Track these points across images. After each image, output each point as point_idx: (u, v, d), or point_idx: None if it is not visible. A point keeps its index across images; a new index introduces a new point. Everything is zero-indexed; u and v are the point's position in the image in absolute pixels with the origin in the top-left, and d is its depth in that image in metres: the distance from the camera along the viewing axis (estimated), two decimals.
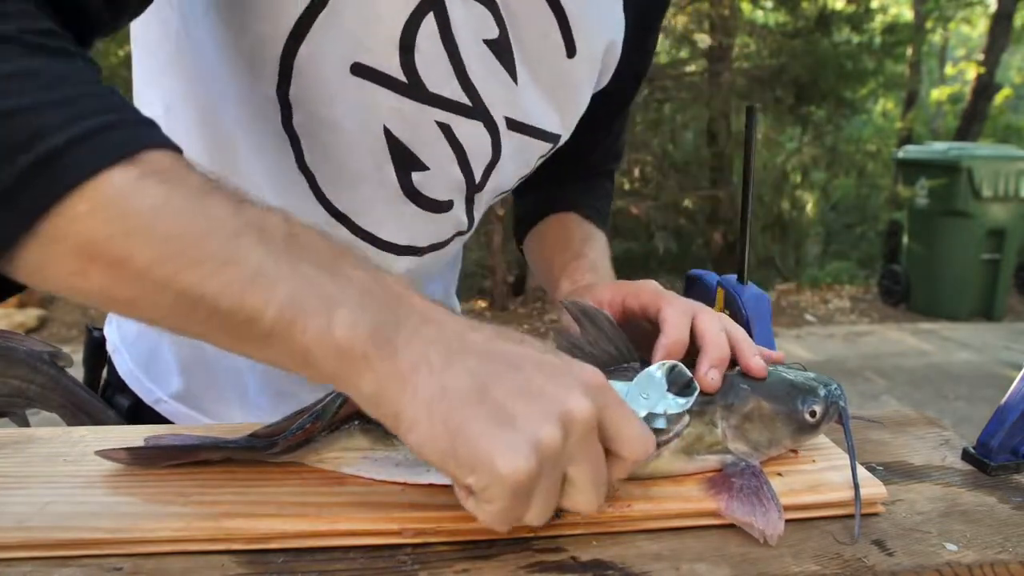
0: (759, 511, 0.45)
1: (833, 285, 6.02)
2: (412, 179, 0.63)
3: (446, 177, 0.64)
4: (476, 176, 0.66)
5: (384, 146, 0.60)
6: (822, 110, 5.78)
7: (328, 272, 0.37)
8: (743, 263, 0.66)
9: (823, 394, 0.51)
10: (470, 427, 0.36)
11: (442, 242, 0.69)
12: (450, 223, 0.68)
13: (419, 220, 0.65)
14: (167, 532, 0.43)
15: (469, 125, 0.62)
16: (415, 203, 0.64)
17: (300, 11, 0.52)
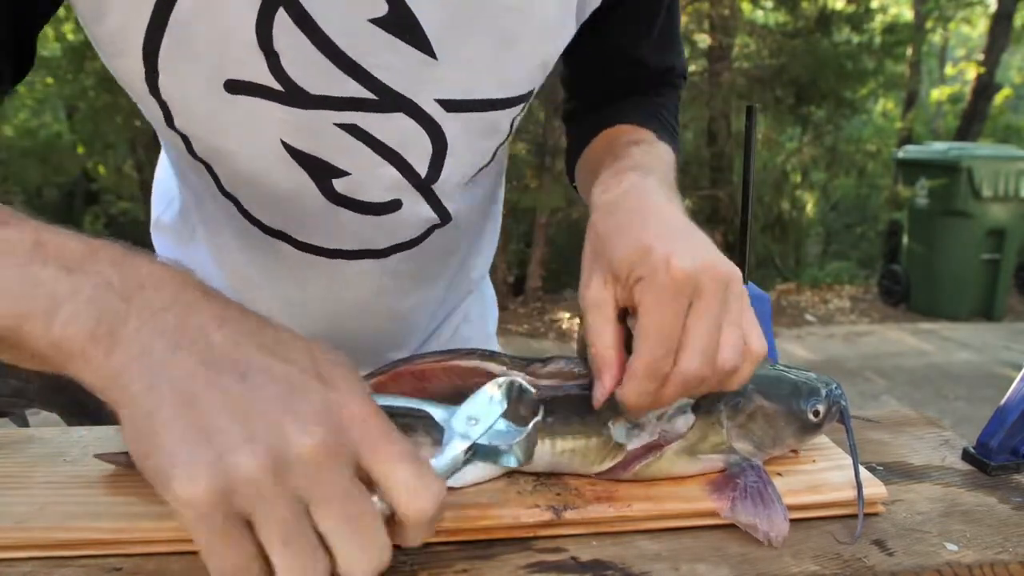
0: (763, 513, 0.45)
1: (833, 285, 6.02)
2: (335, 186, 0.58)
3: (375, 178, 0.58)
4: (420, 170, 0.59)
5: (288, 160, 0.55)
6: (822, 110, 5.77)
7: (67, 272, 0.34)
8: (743, 263, 0.66)
9: (825, 393, 0.51)
10: (163, 435, 0.31)
11: (412, 240, 0.64)
12: (410, 220, 0.62)
13: (361, 224, 0.61)
14: (167, 532, 0.43)
15: (383, 120, 0.55)
16: (349, 208, 0.59)
17: (142, 39, 0.49)
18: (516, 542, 0.45)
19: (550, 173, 5.01)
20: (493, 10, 0.54)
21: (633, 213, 0.47)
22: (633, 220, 0.46)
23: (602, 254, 0.46)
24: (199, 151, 0.56)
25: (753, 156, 0.65)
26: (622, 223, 0.46)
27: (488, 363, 0.50)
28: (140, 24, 0.48)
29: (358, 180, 0.58)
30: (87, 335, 0.33)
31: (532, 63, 0.59)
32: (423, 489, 0.33)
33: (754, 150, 0.65)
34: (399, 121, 0.56)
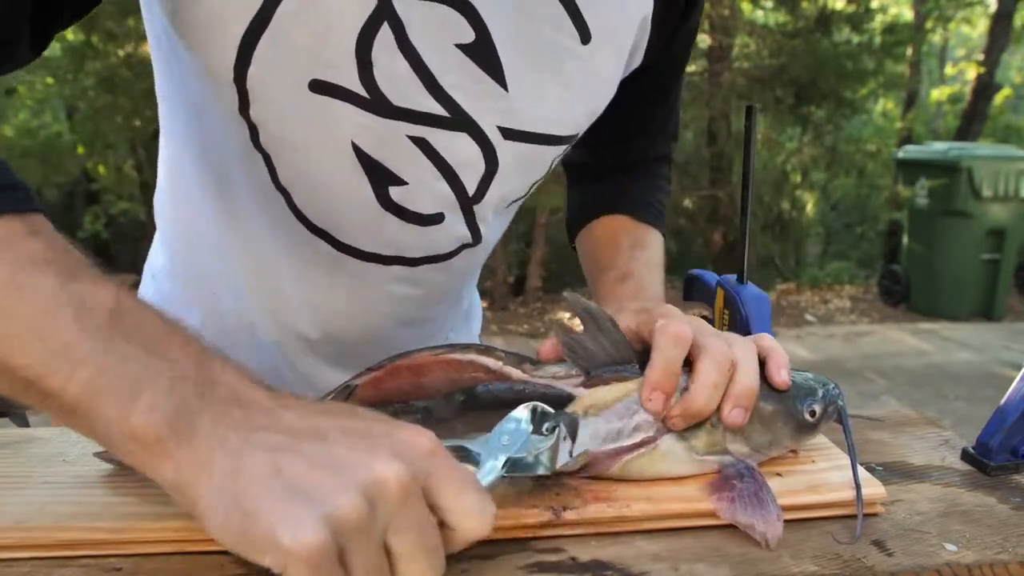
0: (759, 514, 0.45)
1: (833, 285, 6.03)
2: (391, 194, 0.60)
3: (430, 191, 0.61)
4: (469, 189, 0.63)
5: (355, 162, 0.58)
6: (822, 110, 5.78)
7: (146, 352, 0.36)
8: (743, 263, 0.66)
9: (822, 394, 0.51)
10: (260, 505, 0.33)
11: (443, 254, 0.67)
12: (447, 235, 0.65)
13: (405, 233, 0.63)
14: (167, 532, 0.43)
15: (450, 137, 0.59)
16: (398, 216, 0.62)
17: (243, 30, 0.51)
18: (516, 542, 0.45)
19: (550, 173, 5.00)
20: (561, 56, 0.60)
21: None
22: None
23: None
24: (264, 141, 0.57)
25: (753, 156, 0.65)
26: None
27: (483, 357, 0.50)
28: (244, 16, 0.50)
29: (414, 191, 0.61)
30: (165, 425, 0.35)
31: (583, 109, 0.65)
32: (484, 513, 0.38)
33: (754, 150, 0.65)
34: (462, 141, 0.59)
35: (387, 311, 0.69)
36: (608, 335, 0.51)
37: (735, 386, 0.48)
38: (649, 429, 0.48)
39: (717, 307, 0.67)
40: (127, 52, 4.96)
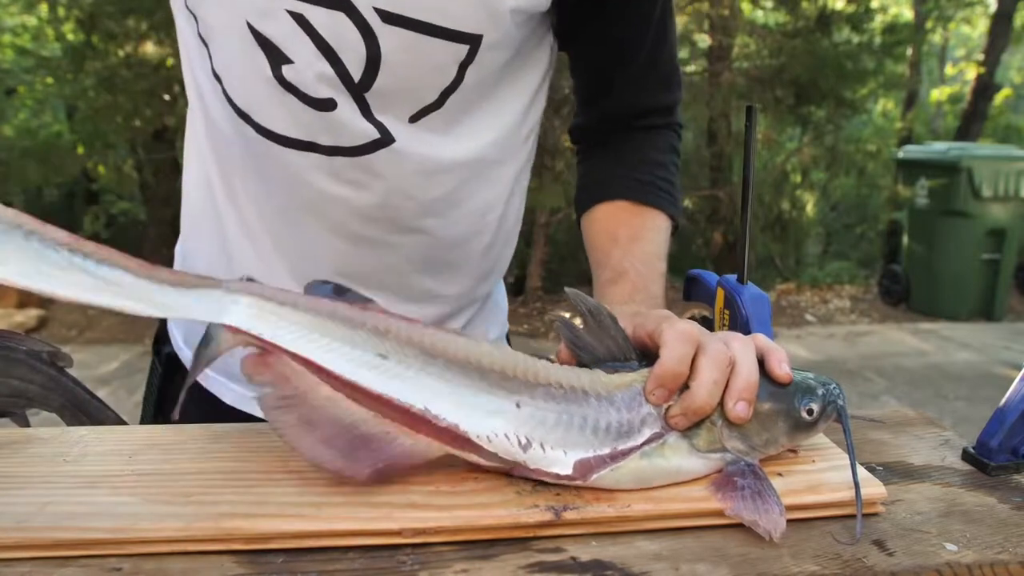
0: (763, 509, 0.45)
1: (833, 285, 6.02)
2: (284, 72, 0.64)
3: (314, 71, 0.64)
4: (353, 73, 0.64)
5: (252, 41, 0.63)
6: (822, 110, 5.77)
7: None
8: (743, 263, 0.66)
9: (821, 393, 0.51)
10: None
11: (352, 147, 0.67)
12: (347, 125, 0.65)
13: (307, 116, 0.66)
14: (167, 532, 0.43)
15: (326, 15, 0.61)
16: (295, 96, 0.65)
17: None
18: (516, 542, 0.45)
19: (550, 173, 5.01)
20: None
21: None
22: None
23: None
24: (201, 31, 0.67)
25: (753, 156, 0.65)
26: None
27: None
28: None
29: (300, 69, 0.64)
30: None
31: (497, 6, 0.63)
32: None
33: (754, 150, 0.65)
34: (339, 20, 0.62)
35: (322, 209, 0.69)
36: (608, 332, 0.51)
37: (736, 380, 0.49)
38: (655, 424, 0.49)
39: (717, 307, 0.67)
40: (127, 52, 4.96)
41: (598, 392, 0.49)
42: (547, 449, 0.48)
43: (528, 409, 0.48)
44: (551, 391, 0.49)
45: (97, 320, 4.69)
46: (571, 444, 0.48)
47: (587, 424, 0.48)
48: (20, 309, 4.56)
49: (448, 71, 0.66)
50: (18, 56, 5.67)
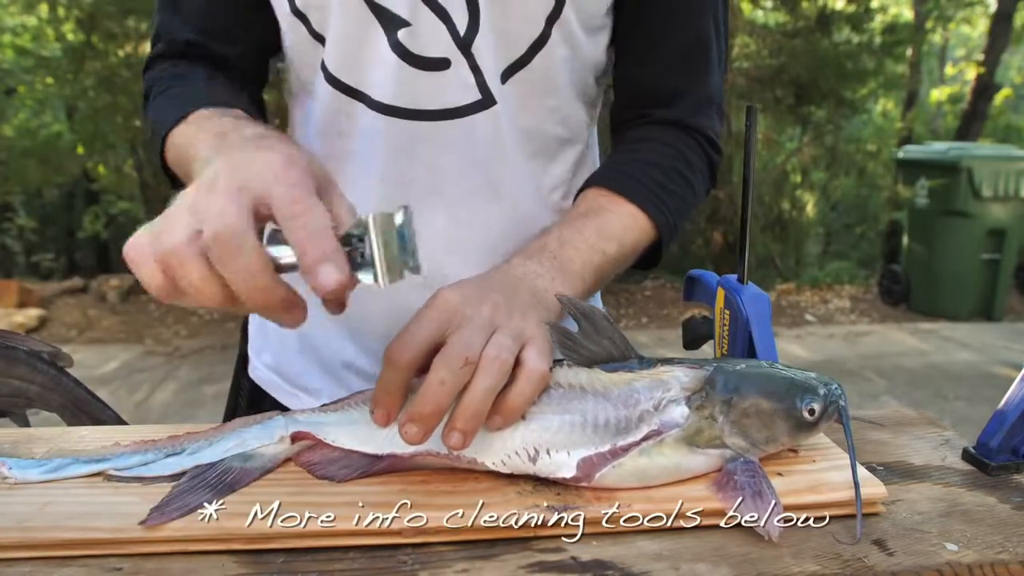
0: (763, 508, 0.45)
1: (833, 285, 6.02)
2: (399, 38, 0.67)
3: (429, 30, 0.66)
4: (460, 28, 0.66)
5: (367, 11, 0.66)
6: (822, 110, 5.77)
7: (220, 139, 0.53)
8: (743, 263, 0.66)
9: (822, 393, 0.51)
10: None
11: (458, 108, 0.69)
12: (456, 84, 0.68)
13: (419, 81, 0.68)
14: (167, 532, 0.43)
15: None
16: (409, 63, 0.67)
17: None
18: (516, 542, 0.45)
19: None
20: None
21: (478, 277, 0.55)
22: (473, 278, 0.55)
23: None
24: (316, 27, 0.69)
25: (753, 156, 0.65)
26: None
27: None
28: None
29: (416, 32, 0.67)
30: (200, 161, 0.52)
31: None
32: None
33: (754, 150, 0.65)
34: None
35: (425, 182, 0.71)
36: (605, 333, 0.51)
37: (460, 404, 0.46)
38: (653, 422, 0.49)
39: (717, 307, 0.67)
40: (127, 52, 4.96)
41: (595, 389, 0.50)
42: (552, 454, 0.48)
43: (533, 418, 0.49)
44: (551, 393, 0.50)
45: (97, 320, 4.69)
46: (573, 444, 0.48)
47: (587, 421, 0.49)
48: (20, 309, 4.55)
49: (537, 22, 0.68)
50: (18, 56, 5.67)
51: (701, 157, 0.75)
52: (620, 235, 0.66)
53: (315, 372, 0.80)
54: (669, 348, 4.30)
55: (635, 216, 0.68)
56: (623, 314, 5.19)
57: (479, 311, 0.49)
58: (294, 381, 0.81)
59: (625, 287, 5.98)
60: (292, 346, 0.81)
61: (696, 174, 0.74)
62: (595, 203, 0.68)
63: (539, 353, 0.48)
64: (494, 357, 0.46)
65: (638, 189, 0.69)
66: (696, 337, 0.72)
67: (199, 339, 4.40)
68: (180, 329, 4.56)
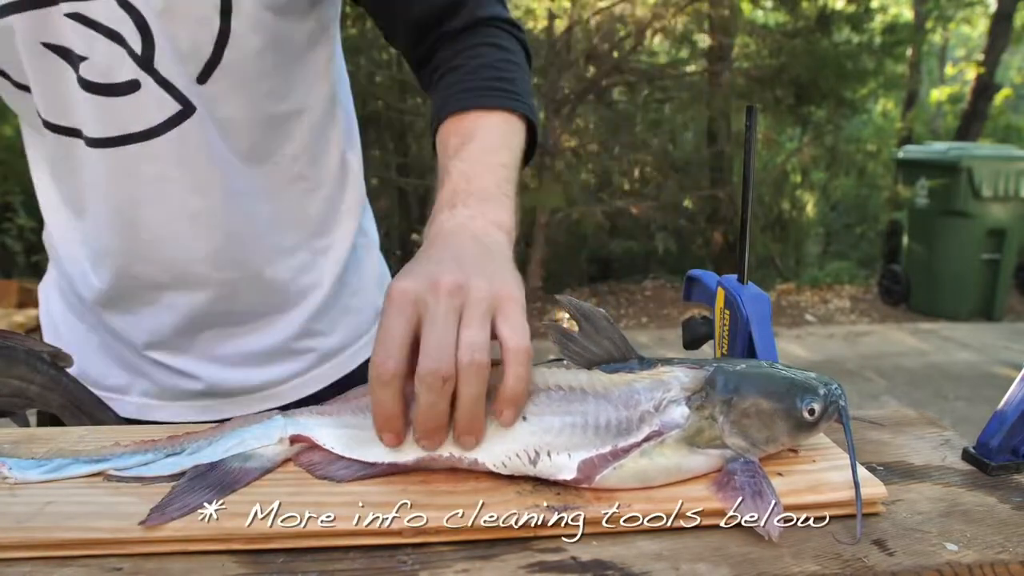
0: (763, 508, 0.45)
1: (833, 285, 6.03)
2: (81, 72, 0.67)
3: (106, 57, 0.66)
4: (135, 47, 0.66)
5: (52, 56, 0.67)
6: (822, 110, 5.78)
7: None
8: (743, 263, 0.66)
9: (823, 393, 0.51)
10: None
11: (162, 123, 0.69)
12: (152, 101, 0.68)
13: (116, 108, 0.68)
14: (167, 532, 0.43)
15: (98, 4, 0.65)
16: (100, 94, 0.68)
17: None
18: (516, 542, 0.45)
19: (550, 173, 5.01)
20: None
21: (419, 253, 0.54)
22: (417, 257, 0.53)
23: None
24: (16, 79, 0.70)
25: (753, 156, 0.65)
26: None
27: None
28: None
29: (97, 63, 0.67)
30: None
31: None
32: None
33: (754, 150, 0.65)
34: (107, 5, 0.65)
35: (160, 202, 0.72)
36: (605, 333, 0.51)
37: (455, 417, 0.47)
38: (654, 422, 0.49)
39: (717, 307, 0.67)
40: None
41: (596, 390, 0.50)
42: (553, 456, 0.48)
43: (534, 419, 0.49)
44: (551, 394, 0.50)
45: None
46: (574, 446, 0.48)
47: (588, 423, 0.49)
48: (20, 309, 4.55)
49: (212, 21, 0.68)
50: None
51: (511, 39, 0.75)
52: (504, 142, 0.66)
53: (116, 369, 0.81)
54: (669, 348, 4.30)
55: (502, 119, 0.68)
56: (623, 314, 5.19)
57: (437, 297, 0.47)
58: (100, 383, 0.81)
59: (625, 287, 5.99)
60: (92, 347, 0.82)
61: (517, 55, 0.74)
62: (462, 129, 0.67)
63: (512, 326, 0.48)
64: (468, 363, 0.46)
65: (486, 95, 0.69)
66: (696, 337, 0.72)
67: None
68: None
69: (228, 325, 0.79)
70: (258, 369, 0.81)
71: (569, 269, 6.31)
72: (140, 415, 0.81)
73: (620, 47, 5.40)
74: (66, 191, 0.76)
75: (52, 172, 0.77)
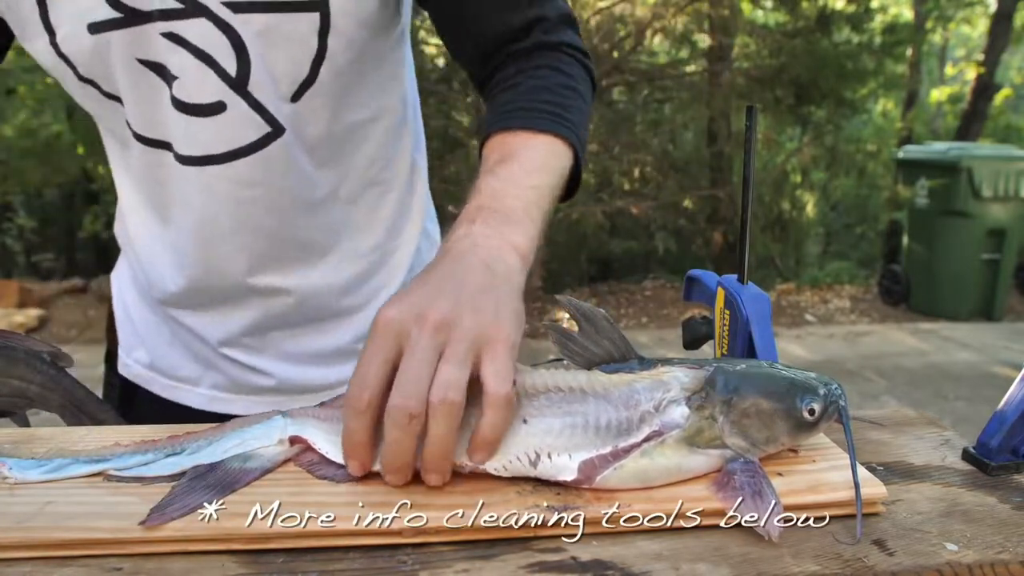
0: (763, 508, 0.45)
1: (833, 285, 6.03)
2: (173, 91, 0.69)
3: (196, 79, 0.68)
4: (230, 69, 0.68)
5: (147, 72, 0.68)
6: (822, 110, 5.77)
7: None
8: (743, 263, 0.66)
9: (823, 393, 0.51)
10: None
11: (251, 144, 0.71)
12: (241, 123, 0.70)
13: (201, 128, 0.70)
14: (167, 532, 0.43)
15: (194, 25, 0.66)
16: (187, 112, 0.69)
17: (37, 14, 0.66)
18: (516, 542, 0.45)
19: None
20: None
21: (422, 272, 0.53)
22: (417, 278, 0.52)
23: None
24: (107, 90, 0.70)
25: (753, 156, 0.65)
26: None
27: None
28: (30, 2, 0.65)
29: (186, 83, 0.68)
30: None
31: None
32: None
33: (754, 150, 0.65)
34: (203, 25, 0.66)
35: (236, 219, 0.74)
36: (605, 334, 0.51)
37: (423, 454, 0.46)
38: (654, 423, 0.49)
39: (717, 307, 0.67)
40: None
41: (596, 391, 0.50)
42: (553, 457, 0.48)
43: (534, 422, 0.49)
44: (551, 396, 0.50)
45: (97, 320, 4.69)
46: (574, 447, 0.48)
47: (588, 424, 0.49)
48: (20, 309, 4.56)
49: (310, 43, 0.69)
50: (18, 56, 5.66)
51: (577, 66, 0.74)
52: (543, 164, 0.65)
53: (188, 361, 0.84)
54: (669, 348, 4.30)
55: (548, 142, 0.67)
56: (623, 314, 5.19)
57: (421, 331, 0.46)
58: (170, 373, 0.84)
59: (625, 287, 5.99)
60: (164, 339, 0.84)
61: (580, 82, 0.73)
62: (504, 147, 0.66)
63: (496, 369, 0.46)
64: (439, 401, 0.44)
65: (538, 118, 0.67)
66: (696, 337, 0.72)
67: None
68: None
69: (300, 325, 0.81)
70: (328, 367, 0.83)
71: (569, 269, 6.31)
72: (209, 407, 0.83)
73: (620, 47, 5.40)
74: (152, 198, 0.78)
75: (138, 180, 0.78)
